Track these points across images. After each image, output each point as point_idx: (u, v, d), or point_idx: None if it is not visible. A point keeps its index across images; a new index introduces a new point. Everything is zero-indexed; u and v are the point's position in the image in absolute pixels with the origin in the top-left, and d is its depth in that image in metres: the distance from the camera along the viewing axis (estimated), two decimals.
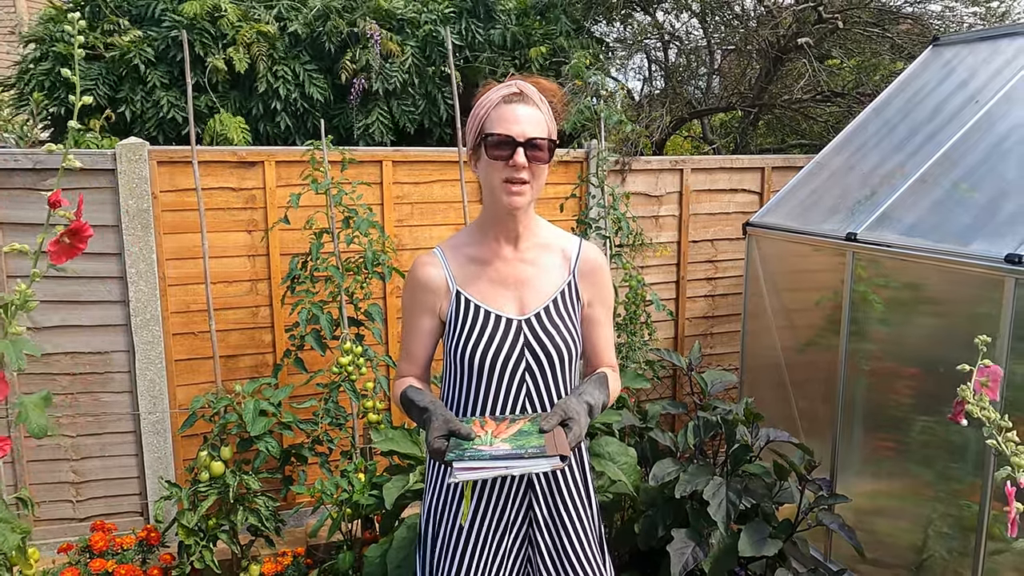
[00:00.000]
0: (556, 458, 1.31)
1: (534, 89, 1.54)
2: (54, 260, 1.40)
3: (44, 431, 1.48)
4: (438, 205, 3.70)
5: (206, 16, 4.09)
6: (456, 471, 1.32)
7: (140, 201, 3.21)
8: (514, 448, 1.34)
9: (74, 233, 1.39)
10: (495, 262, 1.60)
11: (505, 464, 1.32)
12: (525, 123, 1.49)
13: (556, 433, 1.38)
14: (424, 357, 1.67)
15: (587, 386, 1.54)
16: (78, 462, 3.31)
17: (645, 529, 2.71)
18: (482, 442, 1.37)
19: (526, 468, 1.32)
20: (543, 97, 1.55)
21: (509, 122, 1.49)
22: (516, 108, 1.50)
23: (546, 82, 1.58)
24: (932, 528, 2.64)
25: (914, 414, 2.74)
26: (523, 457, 1.31)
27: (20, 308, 1.42)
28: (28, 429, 1.47)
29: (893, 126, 3.39)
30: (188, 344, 3.40)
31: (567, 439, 1.36)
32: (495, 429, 1.43)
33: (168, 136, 4.15)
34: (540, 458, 1.31)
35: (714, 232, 4.23)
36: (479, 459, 1.32)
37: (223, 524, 2.88)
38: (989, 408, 1.27)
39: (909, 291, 2.73)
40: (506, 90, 1.53)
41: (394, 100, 4.35)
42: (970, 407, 1.27)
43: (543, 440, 1.36)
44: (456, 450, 1.35)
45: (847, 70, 5.11)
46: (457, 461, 1.32)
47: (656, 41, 5.34)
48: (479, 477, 1.34)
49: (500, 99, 1.51)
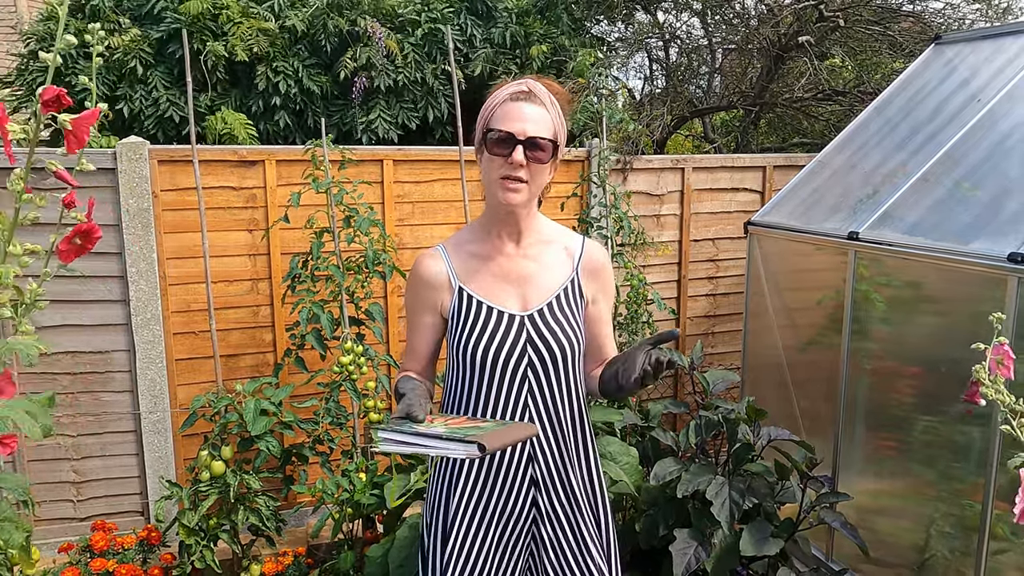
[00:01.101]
0: (474, 446, 1.29)
1: (544, 89, 1.53)
2: (63, 259, 1.41)
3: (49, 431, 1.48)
4: (439, 204, 3.69)
5: (207, 14, 4.08)
6: (381, 438, 1.35)
7: (140, 200, 3.20)
8: (448, 432, 1.34)
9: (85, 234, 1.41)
10: (498, 258, 1.60)
11: (424, 442, 1.33)
12: (528, 121, 1.48)
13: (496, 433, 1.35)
14: (427, 353, 1.66)
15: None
16: (79, 461, 3.31)
17: (647, 528, 2.71)
18: (425, 425, 1.38)
19: (440, 450, 1.32)
20: (554, 99, 1.53)
21: (512, 119, 1.48)
22: (522, 106, 1.49)
23: (556, 85, 1.58)
24: (934, 527, 2.64)
25: (916, 413, 2.73)
26: (440, 438, 1.32)
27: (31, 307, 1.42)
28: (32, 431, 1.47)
29: (895, 125, 3.38)
30: (189, 343, 3.39)
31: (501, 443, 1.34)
32: (454, 421, 1.43)
33: (168, 134, 4.15)
34: (457, 442, 1.31)
35: (716, 231, 4.23)
36: (402, 432, 1.35)
37: (224, 524, 2.88)
38: (1004, 391, 1.25)
39: (911, 290, 2.72)
40: (515, 88, 1.52)
41: (395, 98, 4.34)
42: (984, 389, 1.25)
43: (484, 431, 1.34)
44: (394, 424, 1.37)
45: (848, 69, 5.10)
46: (382, 431, 1.35)
47: (657, 40, 5.34)
48: (396, 450, 1.36)
49: (508, 96, 1.51)
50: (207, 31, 4.09)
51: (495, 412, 1.57)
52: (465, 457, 1.32)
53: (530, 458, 1.59)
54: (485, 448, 1.28)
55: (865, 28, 4.87)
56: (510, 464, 1.59)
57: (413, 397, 1.44)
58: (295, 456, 3.10)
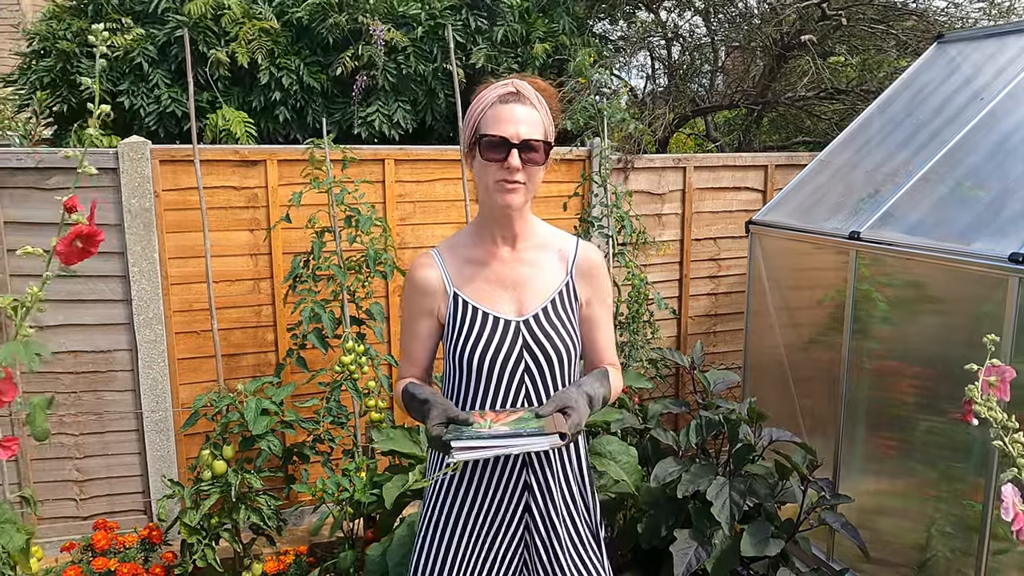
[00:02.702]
0: (555, 436, 1.32)
1: (531, 88, 1.52)
2: (65, 262, 1.41)
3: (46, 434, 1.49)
4: (440, 203, 3.69)
5: (209, 14, 4.08)
6: (455, 451, 1.33)
7: (142, 200, 3.21)
8: (513, 429, 1.36)
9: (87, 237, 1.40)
10: (492, 263, 1.59)
11: (503, 443, 1.34)
12: (521, 124, 1.47)
13: (555, 417, 1.39)
14: (424, 359, 1.66)
15: (588, 379, 1.54)
16: (81, 460, 3.32)
17: (647, 529, 2.71)
18: (481, 426, 1.39)
19: (524, 446, 1.33)
20: (540, 97, 1.52)
21: (504, 123, 1.47)
22: (513, 108, 1.48)
23: (541, 82, 1.56)
24: (935, 528, 2.64)
25: (917, 413, 2.73)
26: (521, 436, 1.33)
27: (31, 310, 1.42)
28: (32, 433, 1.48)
29: (897, 124, 3.37)
30: (191, 343, 3.40)
31: (566, 425, 1.37)
32: (494, 418, 1.45)
33: (169, 131, 4.15)
34: (538, 436, 1.33)
35: (717, 230, 4.22)
36: (477, 438, 1.34)
37: (225, 523, 2.89)
38: (996, 409, 1.25)
39: (912, 290, 2.71)
40: (502, 89, 1.51)
41: (395, 96, 4.34)
42: (977, 407, 1.25)
43: (542, 423, 1.38)
44: (454, 432, 1.37)
45: (851, 67, 5.09)
46: (455, 441, 1.34)
47: (659, 39, 5.33)
48: (478, 456, 1.35)
49: (496, 99, 1.50)
50: (209, 32, 4.10)
51: (493, 409, 1.57)
52: (548, 447, 1.35)
53: (524, 464, 1.58)
54: (566, 436, 1.32)
55: (868, 27, 4.86)
56: (504, 469, 1.58)
57: (441, 400, 1.46)
58: (296, 455, 3.11)
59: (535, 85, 1.54)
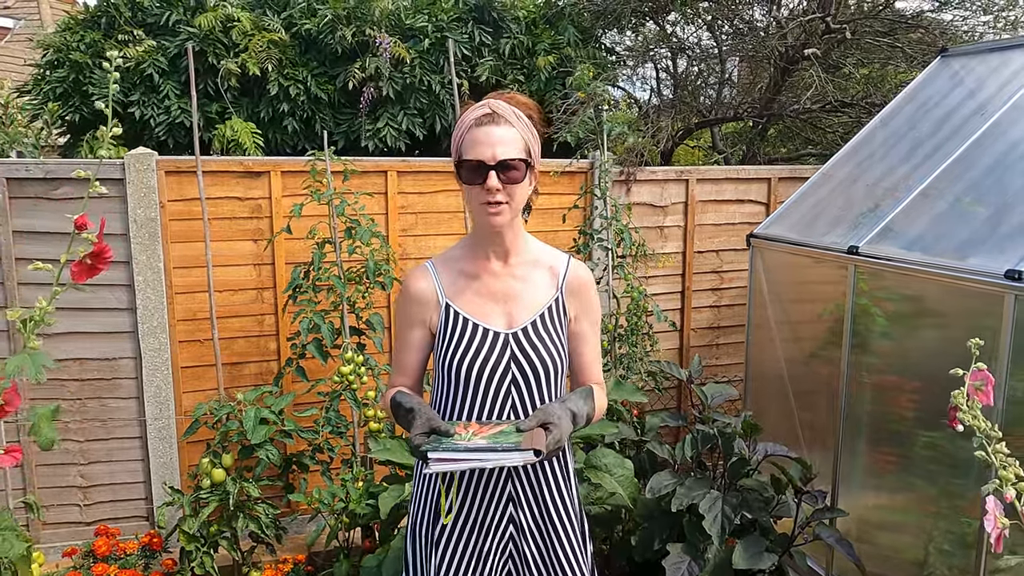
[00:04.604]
0: (530, 452, 1.34)
1: (507, 107, 1.54)
2: (76, 279, 1.46)
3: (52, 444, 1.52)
4: (443, 215, 3.72)
5: (219, 27, 4.15)
6: (432, 462, 1.37)
7: (148, 210, 3.26)
8: (490, 443, 1.38)
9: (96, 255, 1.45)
10: (484, 276, 1.62)
11: (479, 456, 1.36)
12: (497, 145, 1.49)
13: (535, 433, 1.42)
14: (415, 369, 1.69)
15: (572, 395, 1.57)
16: (86, 467, 3.36)
17: (641, 542, 2.71)
18: (461, 439, 1.41)
19: (499, 460, 1.36)
20: (519, 113, 1.54)
21: (481, 145, 1.50)
22: (488, 130, 1.50)
23: (521, 97, 1.59)
24: (933, 544, 2.62)
25: (916, 428, 2.71)
26: (496, 450, 1.35)
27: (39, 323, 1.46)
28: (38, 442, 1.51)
29: (899, 137, 3.36)
30: (194, 351, 3.44)
31: (546, 440, 1.39)
32: (476, 429, 1.47)
33: (179, 141, 4.22)
34: (513, 451, 1.35)
35: (720, 243, 4.22)
36: (454, 451, 1.37)
37: (224, 531, 2.91)
38: (980, 417, 1.26)
39: (911, 305, 2.71)
40: (478, 111, 1.53)
41: (402, 107, 4.38)
42: (961, 414, 1.25)
43: (522, 437, 1.40)
44: (434, 443, 1.40)
45: (856, 80, 5.08)
46: (432, 452, 1.37)
47: (665, 50, 5.34)
48: (453, 468, 1.38)
49: (472, 122, 1.52)
50: (219, 44, 4.16)
51: (479, 421, 1.59)
52: (522, 463, 1.37)
53: (508, 475, 1.60)
54: (542, 452, 1.34)
55: (874, 40, 4.85)
56: (488, 481, 1.60)
57: (426, 410, 1.49)
58: (296, 464, 3.14)
59: (513, 101, 1.56)
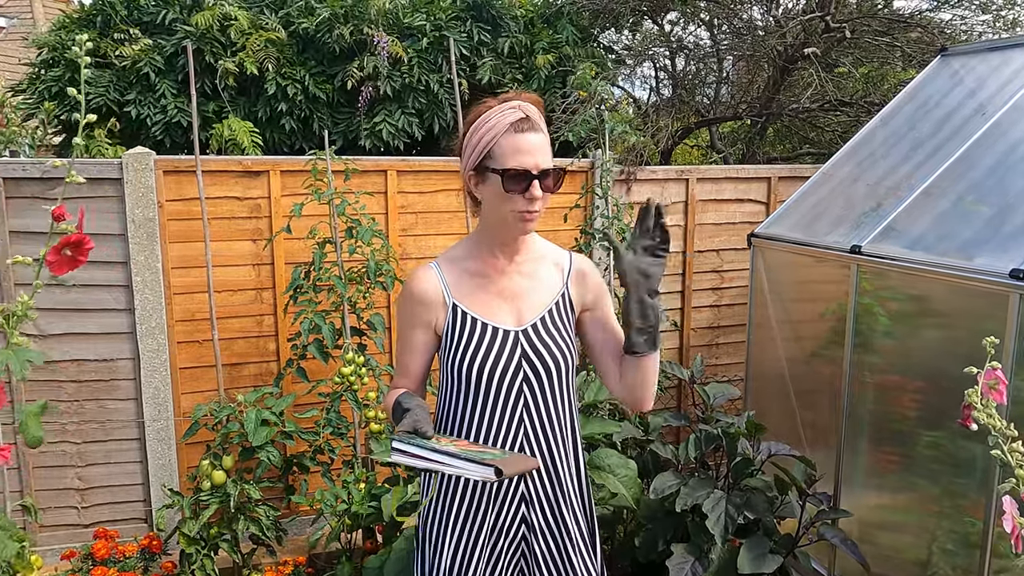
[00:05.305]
0: (490, 469, 1.29)
1: (536, 110, 1.52)
2: (54, 271, 1.41)
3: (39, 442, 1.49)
4: (443, 214, 3.70)
5: (216, 26, 4.12)
6: (392, 449, 1.36)
7: (146, 210, 3.23)
8: (459, 451, 1.35)
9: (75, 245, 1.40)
10: (492, 275, 1.60)
11: (438, 458, 1.34)
12: (539, 154, 1.49)
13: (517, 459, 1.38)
14: (419, 372, 1.66)
15: None
16: (83, 469, 3.34)
17: (645, 543, 2.70)
18: (436, 444, 1.38)
19: (456, 469, 1.33)
20: (541, 115, 1.54)
21: (524, 154, 1.48)
22: (528, 138, 1.48)
23: (535, 96, 1.58)
24: (937, 544, 2.62)
25: (919, 428, 2.71)
26: (459, 458, 1.32)
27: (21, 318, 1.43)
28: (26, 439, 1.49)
29: (900, 137, 3.36)
30: (193, 352, 3.42)
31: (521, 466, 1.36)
32: (461, 443, 1.43)
33: (175, 141, 4.19)
34: (474, 463, 1.31)
35: (720, 242, 4.22)
36: (419, 447, 1.35)
37: (224, 533, 2.89)
38: (995, 415, 1.25)
39: (914, 304, 2.70)
40: (513, 115, 1.50)
41: (400, 106, 4.36)
42: (976, 413, 1.24)
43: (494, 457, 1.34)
44: (406, 438, 1.38)
45: (855, 79, 5.08)
46: (396, 442, 1.36)
47: (664, 49, 5.33)
48: (408, 463, 1.36)
49: (509, 126, 1.49)
50: (217, 43, 4.13)
51: (490, 427, 1.57)
52: (479, 479, 1.34)
53: (522, 476, 1.59)
54: (502, 472, 1.29)
55: (873, 39, 4.85)
56: (501, 482, 1.58)
57: (420, 413, 1.45)
58: (296, 466, 3.12)
59: (532, 101, 1.54)
